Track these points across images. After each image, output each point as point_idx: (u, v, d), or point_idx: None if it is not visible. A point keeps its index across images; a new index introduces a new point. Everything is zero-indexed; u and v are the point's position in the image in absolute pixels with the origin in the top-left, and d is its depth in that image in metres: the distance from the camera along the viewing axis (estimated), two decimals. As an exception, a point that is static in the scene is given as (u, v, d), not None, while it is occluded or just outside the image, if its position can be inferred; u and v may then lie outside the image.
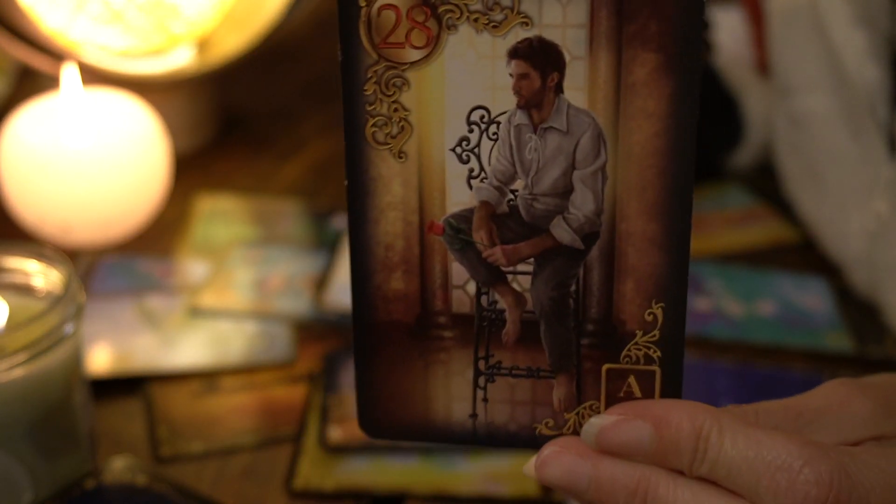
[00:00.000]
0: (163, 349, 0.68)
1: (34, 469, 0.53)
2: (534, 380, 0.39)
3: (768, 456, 0.35)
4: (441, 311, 0.39)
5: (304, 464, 0.60)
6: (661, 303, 0.37)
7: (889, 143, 0.70)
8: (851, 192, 0.73)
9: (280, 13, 0.88)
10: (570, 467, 0.37)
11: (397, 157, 0.37)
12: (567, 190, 0.36)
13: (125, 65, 0.85)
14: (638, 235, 0.36)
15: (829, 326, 0.72)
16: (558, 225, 0.37)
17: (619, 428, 0.37)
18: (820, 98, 0.75)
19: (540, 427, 0.39)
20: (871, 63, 0.70)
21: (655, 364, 0.38)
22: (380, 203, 0.38)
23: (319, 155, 0.94)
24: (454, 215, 0.37)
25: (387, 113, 0.37)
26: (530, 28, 0.35)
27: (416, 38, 0.36)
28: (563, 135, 0.36)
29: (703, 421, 0.36)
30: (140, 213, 0.78)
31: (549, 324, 0.38)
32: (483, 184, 0.37)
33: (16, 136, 0.75)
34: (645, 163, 0.36)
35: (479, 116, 0.36)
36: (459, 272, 0.38)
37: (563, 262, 0.37)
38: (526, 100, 0.36)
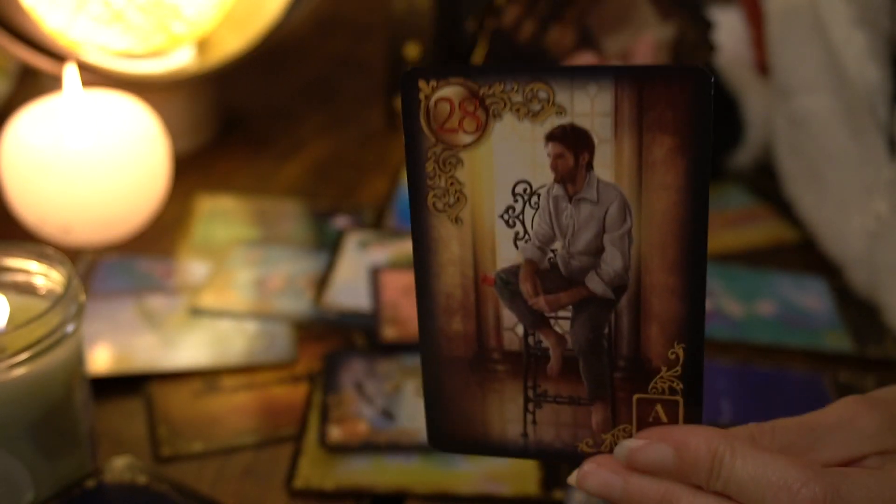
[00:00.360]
0: (163, 349, 0.68)
1: (35, 468, 0.53)
2: (575, 406, 0.45)
3: (773, 476, 0.41)
4: (495, 349, 0.45)
5: (304, 463, 0.60)
6: (682, 343, 0.43)
7: (889, 143, 0.70)
8: (851, 193, 0.73)
9: (280, 13, 0.89)
10: (605, 481, 0.43)
11: (454, 222, 0.43)
12: (599, 250, 0.43)
13: (125, 65, 0.85)
14: (660, 287, 0.42)
15: (829, 326, 0.72)
16: (592, 279, 0.43)
17: (645, 450, 0.43)
18: (820, 98, 0.76)
19: (581, 445, 0.45)
20: (871, 63, 0.70)
21: (678, 395, 0.44)
22: (441, 259, 0.44)
23: (319, 155, 0.94)
24: (504, 270, 0.44)
25: (444, 186, 0.43)
26: (564, 116, 0.41)
27: (468, 124, 0.42)
28: (594, 204, 0.42)
29: (717, 444, 0.42)
30: (140, 213, 0.78)
31: (586, 360, 0.44)
32: (527, 245, 0.43)
33: (17, 137, 0.75)
34: (665, 227, 0.42)
35: (522, 189, 0.42)
36: (509, 317, 0.45)
37: (596, 309, 0.43)
38: (562, 175, 0.42)
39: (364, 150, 0.95)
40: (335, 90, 1.05)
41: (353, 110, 1.01)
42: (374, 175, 0.90)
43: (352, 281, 0.75)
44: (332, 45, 1.15)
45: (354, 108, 1.01)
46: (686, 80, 0.40)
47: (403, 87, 0.42)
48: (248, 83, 1.03)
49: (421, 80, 0.42)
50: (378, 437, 0.61)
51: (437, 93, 0.42)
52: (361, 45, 1.14)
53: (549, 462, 0.46)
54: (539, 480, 0.58)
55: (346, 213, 0.84)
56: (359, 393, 0.64)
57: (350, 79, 1.08)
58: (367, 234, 0.80)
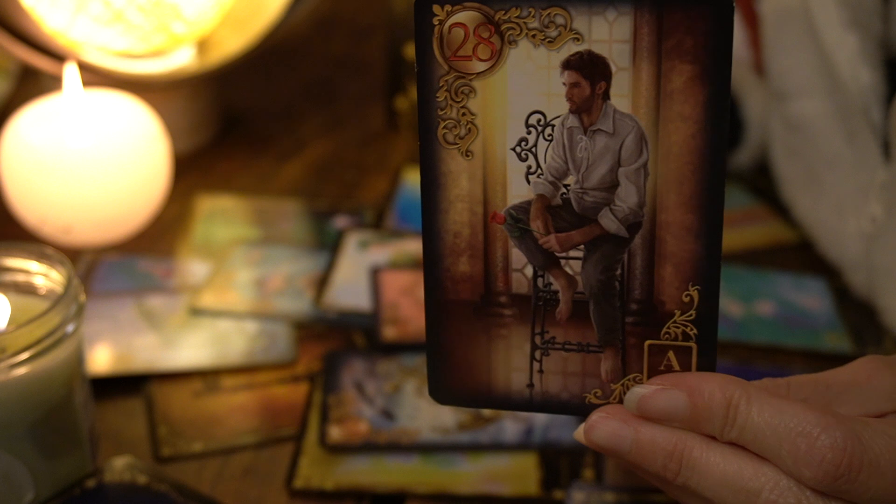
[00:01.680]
0: (163, 349, 0.68)
1: (35, 468, 0.53)
2: (584, 353, 0.43)
3: (790, 423, 0.39)
4: (502, 292, 0.43)
5: (304, 463, 0.60)
6: (697, 286, 0.42)
7: (883, 146, 0.70)
8: (847, 196, 0.73)
9: (280, 13, 0.89)
10: (614, 431, 0.42)
11: (465, 155, 0.42)
12: (613, 185, 0.41)
13: (126, 65, 0.85)
14: (676, 225, 0.41)
15: (828, 327, 0.72)
16: (605, 215, 0.41)
17: (657, 396, 0.41)
18: (814, 102, 0.75)
19: (589, 396, 0.44)
20: (863, 66, 0.70)
21: (692, 340, 0.42)
22: (449, 195, 0.42)
23: (319, 155, 0.94)
24: (514, 206, 0.42)
25: (456, 117, 0.41)
26: (581, 43, 0.40)
27: (482, 51, 0.41)
28: (609, 136, 0.41)
29: (733, 391, 0.40)
30: (140, 213, 0.78)
31: (597, 303, 0.43)
32: (539, 179, 0.42)
33: (17, 137, 0.75)
34: (682, 160, 0.40)
35: (536, 120, 0.41)
36: (518, 257, 0.43)
37: (609, 249, 0.42)
38: (577, 105, 0.40)
39: (364, 150, 0.95)
40: (335, 90, 1.05)
41: (353, 110, 1.01)
42: (374, 175, 0.90)
43: (352, 281, 0.75)
44: (332, 45, 1.15)
45: (354, 108, 1.01)
46: (706, 6, 0.39)
47: (417, 12, 0.40)
48: (248, 83, 1.03)
49: (435, 4, 0.40)
50: (378, 437, 0.61)
51: (452, 18, 0.40)
52: (361, 45, 1.14)
53: (555, 413, 0.44)
54: (539, 480, 0.59)
55: (346, 213, 0.84)
56: (359, 393, 0.65)
57: (350, 79, 1.08)
58: (367, 234, 0.80)
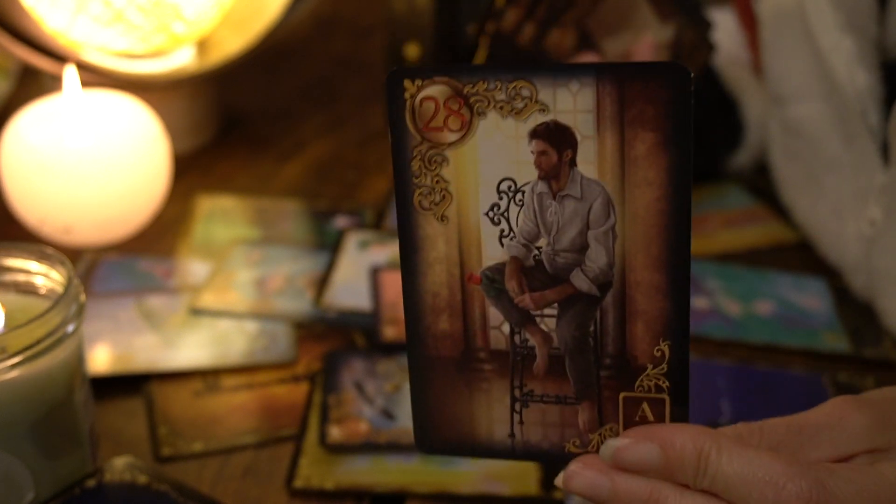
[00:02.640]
0: (163, 349, 0.68)
1: (36, 468, 0.53)
2: (562, 405, 0.45)
3: (759, 473, 0.41)
4: (481, 348, 0.45)
5: (304, 463, 0.60)
6: (667, 340, 0.43)
7: (881, 148, 0.70)
8: (846, 198, 0.74)
9: (280, 13, 0.89)
10: (592, 481, 0.43)
11: (440, 220, 0.44)
12: (584, 246, 0.43)
13: (126, 65, 0.85)
14: (645, 284, 0.43)
15: (827, 326, 0.72)
16: (577, 276, 0.43)
17: (631, 449, 0.43)
18: (812, 105, 0.75)
19: (568, 445, 0.45)
20: (860, 69, 0.70)
21: (665, 392, 0.44)
22: (427, 258, 0.44)
23: (319, 155, 0.94)
24: (489, 268, 0.44)
25: (430, 184, 0.43)
26: (547, 113, 0.41)
27: (453, 122, 0.42)
28: (578, 201, 0.42)
29: (703, 442, 0.42)
30: (141, 213, 0.79)
31: (572, 358, 0.44)
32: (512, 242, 0.43)
33: (17, 137, 0.75)
34: (648, 223, 0.42)
35: (507, 186, 0.43)
36: (496, 315, 0.45)
37: (582, 307, 0.43)
38: (546, 172, 0.42)
39: (364, 150, 0.95)
40: (335, 90, 1.06)
41: (353, 110, 1.01)
42: (374, 175, 0.90)
43: (352, 281, 0.75)
44: (332, 45, 1.15)
45: (354, 109, 1.02)
46: (664, 77, 0.40)
47: (389, 87, 0.42)
48: (248, 83, 1.04)
49: (406, 79, 0.42)
50: (378, 437, 0.61)
51: (422, 92, 0.42)
52: (361, 45, 1.14)
53: (537, 462, 0.46)
54: (539, 480, 0.59)
55: (346, 213, 0.84)
56: (359, 393, 0.65)
57: (350, 79, 1.08)
58: (367, 234, 0.80)
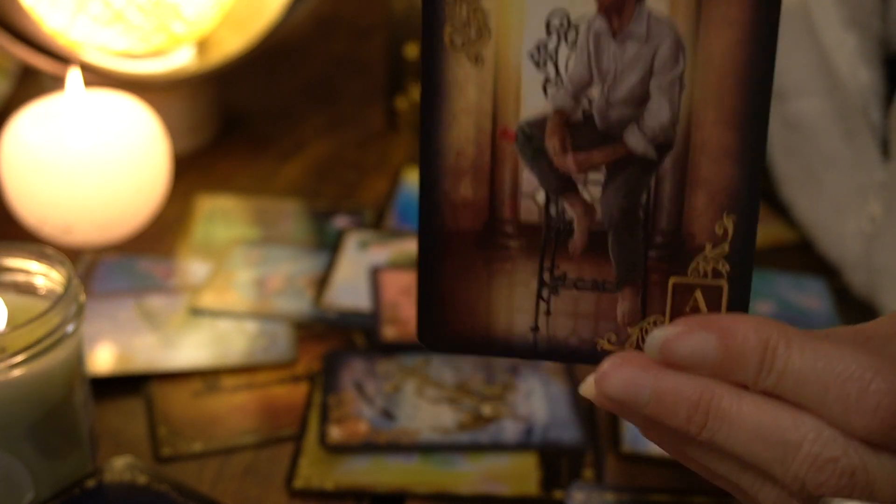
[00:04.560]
0: (163, 349, 0.68)
1: (35, 468, 0.53)
2: (598, 292, 0.38)
3: (838, 367, 0.34)
4: (508, 220, 0.38)
5: (304, 463, 0.60)
6: (732, 215, 0.37)
7: (882, 145, 0.70)
8: (846, 195, 0.73)
9: (280, 13, 0.89)
10: (631, 379, 0.36)
11: (474, 62, 0.37)
12: (643, 98, 0.36)
13: (126, 65, 0.85)
14: (713, 146, 0.36)
15: (828, 326, 0.71)
16: (632, 133, 0.37)
17: (683, 339, 0.36)
18: (813, 101, 0.75)
19: (601, 342, 0.39)
20: (862, 65, 0.70)
21: (723, 279, 0.37)
22: (453, 108, 0.37)
23: (319, 155, 0.94)
24: (527, 122, 0.37)
25: (465, 16, 0.36)
26: None
27: None
28: (642, 42, 0.36)
29: (770, 333, 0.35)
30: (140, 213, 0.78)
31: (617, 235, 0.38)
32: (559, 90, 0.37)
33: (17, 137, 0.75)
34: (724, 71, 0.36)
35: (558, 21, 0.36)
36: (529, 180, 0.38)
37: (634, 172, 0.37)
38: (606, 5, 0.36)
39: (364, 150, 0.95)
40: (335, 90, 1.05)
41: (353, 110, 1.01)
42: (374, 175, 0.90)
43: (352, 281, 0.75)
44: (332, 45, 1.15)
45: (354, 108, 1.01)
46: None
47: None
48: (248, 83, 1.03)
49: None
50: (378, 437, 0.61)
51: None
52: (361, 45, 1.14)
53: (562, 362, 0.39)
54: (539, 480, 0.59)
55: (346, 213, 0.84)
56: (359, 393, 0.65)
57: (350, 79, 1.08)
58: (367, 234, 0.80)
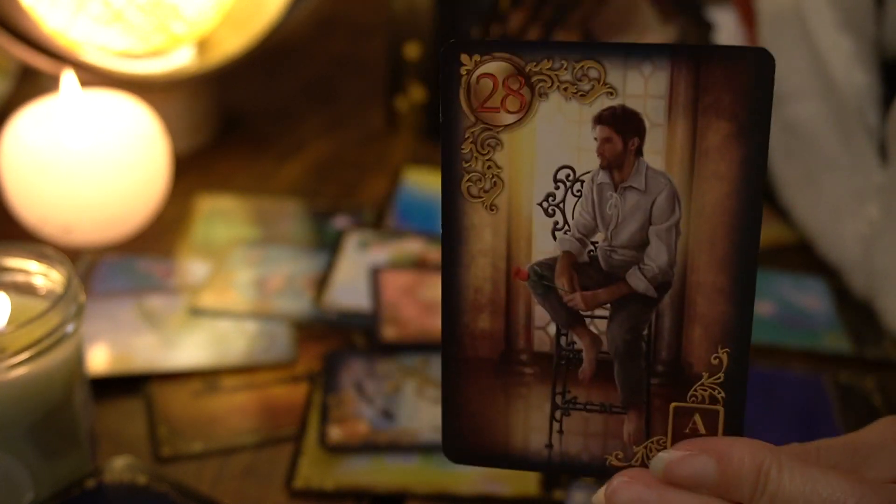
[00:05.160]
0: (163, 349, 0.68)
1: (35, 468, 0.53)
2: (606, 414, 0.42)
3: (823, 492, 0.38)
4: (523, 350, 0.42)
5: (304, 463, 0.60)
6: (726, 348, 0.40)
7: (879, 148, 0.70)
8: (844, 198, 0.73)
9: (280, 13, 0.89)
10: (638, 496, 0.40)
11: (489, 210, 0.41)
12: (643, 243, 0.40)
13: (125, 65, 0.85)
14: (707, 286, 0.40)
15: (828, 327, 0.72)
16: (634, 274, 0.40)
17: (685, 462, 0.39)
18: (810, 104, 0.75)
19: (610, 458, 0.42)
20: (858, 68, 0.70)
21: (719, 404, 0.41)
22: (472, 250, 0.41)
23: (319, 155, 0.94)
24: (539, 263, 0.41)
25: (481, 170, 0.40)
26: (615, 97, 0.39)
27: (511, 103, 0.39)
28: (641, 193, 0.39)
29: (763, 457, 0.39)
30: (140, 213, 0.78)
31: (622, 363, 0.42)
32: (566, 235, 0.40)
33: (17, 137, 0.75)
34: (715, 220, 0.39)
35: (565, 175, 0.40)
36: (541, 314, 0.42)
37: (637, 308, 0.41)
38: (608, 161, 0.39)
39: (364, 150, 0.95)
40: (335, 90, 1.05)
41: (353, 110, 1.01)
42: (374, 175, 0.90)
43: (352, 281, 0.75)
44: (332, 45, 1.15)
45: (354, 108, 1.01)
46: (747, 61, 0.37)
47: (444, 61, 0.39)
48: (248, 83, 1.03)
49: (463, 53, 0.39)
50: (378, 437, 0.61)
51: (480, 68, 0.39)
52: (361, 45, 1.14)
53: (574, 476, 0.42)
54: (539, 480, 0.58)
55: (346, 213, 0.84)
56: (359, 393, 0.65)
57: (350, 79, 1.08)
58: (367, 234, 0.80)
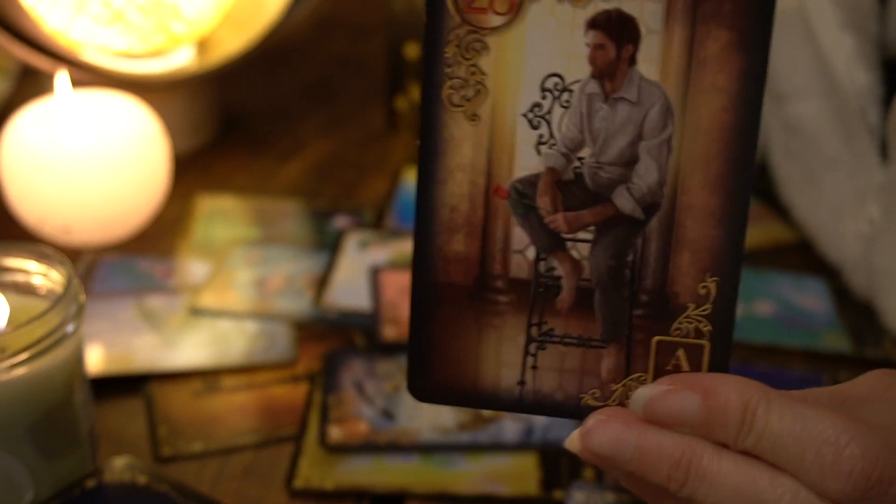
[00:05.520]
0: (163, 349, 0.68)
1: (35, 468, 0.53)
2: (584, 348, 0.40)
3: (815, 430, 0.35)
4: (499, 275, 0.40)
5: (304, 463, 0.60)
6: (715, 277, 0.38)
7: (880, 148, 0.70)
8: (845, 197, 0.73)
9: (280, 13, 0.89)
10: (616, 435, 0.37)
11: (470, 120, 0.38)
12: (632, 160, 0.38)
13: (126, 65, 0.85)
14: (698, 208, 0.38)
15: (828, 327, 0.72)
16: (621, 194, 0.38)
17: (667, 397, 0.37)
18: (812, 103, 0.75)
19: (586, 397, 0.40)
20: (860, 67, 0.70)
21: (705, 338, 0.39)
22: (449, 164, 0.39)
23: (319, 155, 0.94)
24: (520, 180, 0.38)
25: (464, 76, 0.38)
26: (610, 0, 0.36)
27: (500, 4, 0.37)
28: (632, 105, 0.37)
29: (751, 394, 0.36)
30: (140, 213, 0.78)
31: (604, 292, 0.39)
32: (551, 150, 0.38)
33: (16, 137, 0.75)
34: (711, 136, 0.37)
35: (553, 83, 0.37)
36: (520, 237, 0.39)
37: (622, 232, 0.38)
38: (600, 69, 0.37)
39: (364, 150, 0.95)
40: (335, 90, 1.05)
41: (353, 110, 1.01)
42: (374, 175, 0.90)
43: (352, 281, 0.75)
44: (332, 45, 1.15)
45: (354, 108, 1.01)
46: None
47: None
48: (248, 83, 1.03)
49: None
50: (378, 437, 0.61)
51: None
52: (361, 45, 1.14)
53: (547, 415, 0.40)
54: (539, 480, 0.59)
55: (346, 213, 0.84)
56: (359, 393, 0.65)
57: (350, 79, 1.08)
58: (367, 234, 0.80)
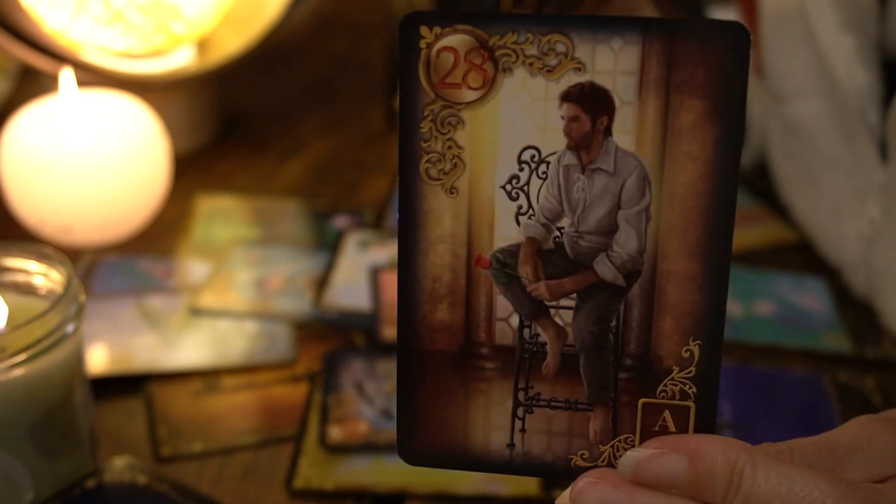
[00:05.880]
0: (163, 349, 0.68)
1: (35, 468, 0.53)
2: (571, 412, 0.40)
3: (800, 492, 0.36)
4: (484, 343, 0.40)
5: (304, 463, 0.60)
6: (698, 340, 0.39)
7: (880, 147, 0.70)
8: (845, 197, 0.73)
9: (280, 13, 0.89)
10: (605, 497, 0.38)
11: (449, 193, 0.38)
12: (612, 229, 0.38)
13: (126, 65, 0.85)
14: (678, 274, 0.38)
15: (828, 327, 0.72)
16: (602, 262, 0.38)
17: (655, 460, 0.38)
18: (812, 104, 0.75)
19: (575, 458, 0.40)
20: (860, 68, 0.70)
21: (690, 399, 0.39)
22: (430, 236, 0.39)
23: (319, 155, 0.94)
24: (501, 250, 0.39)
25: (441, 150, 0.38)
26: (583, 73, 0.37)
27: (473, 79, 0.37)
28: (609, 176, 0.37)
29: (737, 456, 0.37)
30: (140, 213, 0.78)
31: (588, 357, 0.40)
32: (531, 221, 0.38)
33: (17, 137, 0.75)
34: (688, 204, 0.37)
35: (529, 156, 0.38)
36: (504, 305, 0.39)
37: (604, 298, 0.39)
38: (576, 141, 0.37)
39: (364, 150, 0.95)
40: (335, 90, 1.05)
41: (353, 110, 1.01)
42: (374, 175, 0.90)
43: (352, 281, 0.75)
44: (332, 45, 1.15)
45: (354, 108, 1.01)
46: (722, 37, 0.36)
47: (402, 33, 0.37)
48: (248, 83, 1.03)
49: (423, 25, 0.36)
50: (378, 437, 0.61)
51: (441, 41, 0.37)
52: (361, 45, 1.14)
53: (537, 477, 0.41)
54: (539, 480, 0.58)
55: (346, 213, 0.84)
56: (359, 393, 0.65)
57: (350, 79, 1.08)
58: (367, 234, 0.80)
